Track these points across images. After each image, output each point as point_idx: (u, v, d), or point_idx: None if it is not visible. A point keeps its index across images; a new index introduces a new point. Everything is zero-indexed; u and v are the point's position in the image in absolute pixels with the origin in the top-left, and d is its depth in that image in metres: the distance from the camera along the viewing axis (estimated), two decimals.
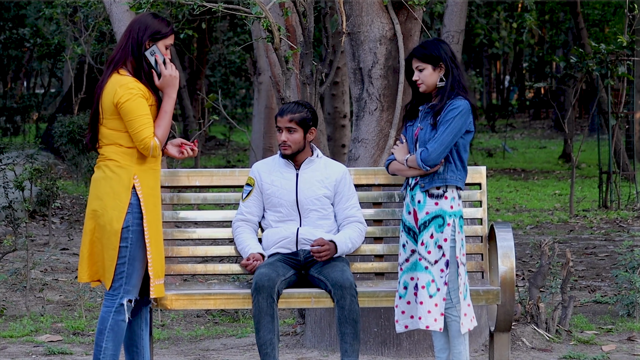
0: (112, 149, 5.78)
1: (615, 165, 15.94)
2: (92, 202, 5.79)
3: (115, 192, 5.74)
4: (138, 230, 5.75)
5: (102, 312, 5.80)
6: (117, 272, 5.74)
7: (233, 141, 28.76)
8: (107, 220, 5.72)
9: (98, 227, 5.76)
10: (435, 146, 5.80)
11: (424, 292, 5.82)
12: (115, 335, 5.77)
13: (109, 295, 5.79)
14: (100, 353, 5.77)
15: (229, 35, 26.55)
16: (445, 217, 5.84)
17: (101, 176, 5.79)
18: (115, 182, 5.75)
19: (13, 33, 27.35)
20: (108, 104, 5.75)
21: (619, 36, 13.35)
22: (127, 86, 5.72)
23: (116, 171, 5.75)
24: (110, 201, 5.73)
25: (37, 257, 9.93)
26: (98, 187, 5.79)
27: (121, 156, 5.77)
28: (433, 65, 5.91)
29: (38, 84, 37.12)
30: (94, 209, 5.76)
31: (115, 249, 5.72)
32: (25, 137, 27.39)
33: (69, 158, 16.70)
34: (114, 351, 5.77)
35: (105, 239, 5.73)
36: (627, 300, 8.32)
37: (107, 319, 5.77)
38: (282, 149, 6.23)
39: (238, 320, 8.54)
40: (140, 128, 5.71)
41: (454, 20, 10.77)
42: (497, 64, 45.61)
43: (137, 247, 5.75)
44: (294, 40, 7.79)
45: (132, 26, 5.85)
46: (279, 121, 6.23)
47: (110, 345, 5.76)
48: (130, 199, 5.74)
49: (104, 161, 5.80)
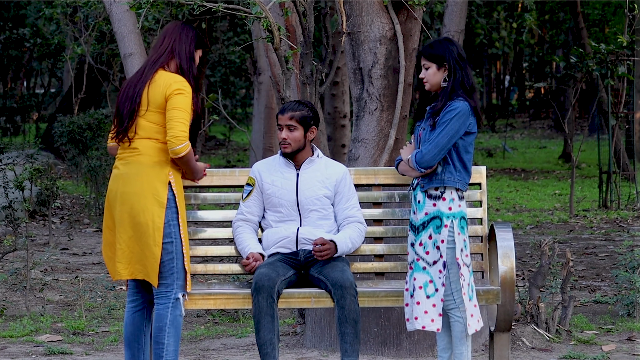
0: (147, 144, 5.80)
1: (615, 165, 15.95)
2: (129, 199, 5.75)
3: (154, 188, 5.74)
4: (177, 224, 5.79)
5: (159, 309, 5.79)
6: (167, 268, 5.76)
7: (233, 141, 28.77)
8: (148, 217, 5.71)
9: (138, 225, 5.73)
10: (429, 148, 5.80)
11: (421, 292, 5.83)
12: (176, 330, 5.80)
13: (161, 292, 5.79)
14: (162, 350, 5.77)
15: (229, 35, 26.53)
16: (442, 219, 5.84)
17: (134, 172, 5.78)
18: (153, 178, 5.75)
19: (13, 33, 27.36)
20: (157, 96, 5.80)
21: (619, 36, 13.33)
22: (183, 83, 5.82)
23: (153, 167, 5.77)
24: (149, 198, 5.73)
25: (37, 257, 9.93)
26: (132, 183, 5.77)
27: (157, 152, 5.79)
28: (438, 65, 5.91)
29: (38, 84, 37.11)
30: (132, 207, 5.74)
31: (158, 245, 5.72)
32: (25, 137, 27.39)
33: (69, 158, 16.69)
34: (175, 347, 5.79)
35: (148, 237, 5.72)
36: (627, 300, 8.32)
37: (166, 315, 5.78)
38: (282, 147, 6.23)
39: (238, 320, 8.54)
40: (180, 120, 5.74)
41: (454, 20, 10.78)
42: (497, 64, 45.59)
43: (179, 242, 5.79)
44: (294, 40, 7.79)
45: (176, 32, 5.94)
46: (280, 119, 6.23)
47: (172, 341, 5.78)
48: (168, 195, 5.76)
49: (136, 157, 5.80)
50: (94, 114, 17.03)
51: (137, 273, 5.81)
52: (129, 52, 9.09)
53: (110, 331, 8.06)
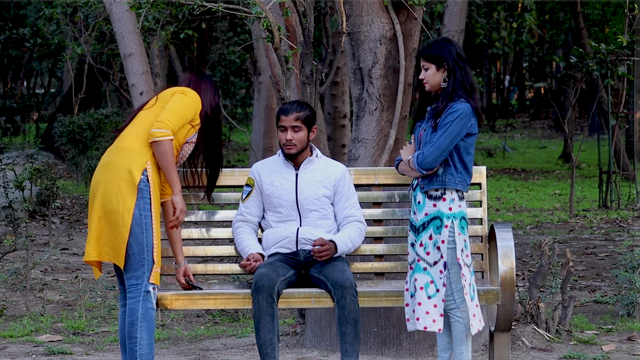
0: (133, 132, 5.84)
1: (615, 165, 15.94)
2: (104, 183, 5.72)
3: (129, 172, 5.70)
4: (149, 215, 5.72)
5: (130, 303, 5.73)
6: (138, 259, 5.70)
7: (233, 141, 28.77)
8: (120, 199, 5.66)
9: (109, 204, 5.68)
10: (431, 150, 5.80)
11: (422, 293, 5.83)
12: (148, 323, 5.72)
13: (132, 285, 5.73)
14: (136, 344, 5.71)
15: (229, 35, 26.54)
16: (443, 219, 5.84)
17: (113, 158, 5.78)
18: (129, 163, 5.72)
19: (13, 33, 27.34)
20: (167, 95, 5.94)
21: (619, 36, 13.35)
22: (190, 91, 5.94)
23: (131, 153, 5.75)
24: (122, 181, 5.68)
25: (37, 257, 9.93)
26: (110, 169, 5.75)
27: (139, 142, 5.78)
28: (437, 66, 5.90)
29: (38, 84, 37.11)
30: (106, 188, 5.69)
31: (127, 226, 5.65)
32: (25, 137, 27.40)
33: (69, 158, 16.71)
34: (149, 340, 5.72)
35: (117, 217, 5.66)
36: (627, 300, 8.32)
37: (137, 309, 5.71)
38: (286, 149, 6.20)
39: (238, 320, 8.54)
40: (171, 111, 5.79)
41: (454, 20, 10.79)
42: (497, 64, 45.59)
43: (150, 234, 5.72)
44: (294, 40, 7.79)
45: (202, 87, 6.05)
46: (284, 120, 6.20)
47: (144, 334, 5.71)
48: (141, 183, 5.71)
49: (118, 144, 5.84)
50: (94, 114, 17.05)
51: (104, 255, 5.74)
52: (129, 52, 9.10)
53: (110, 331, 8.06)
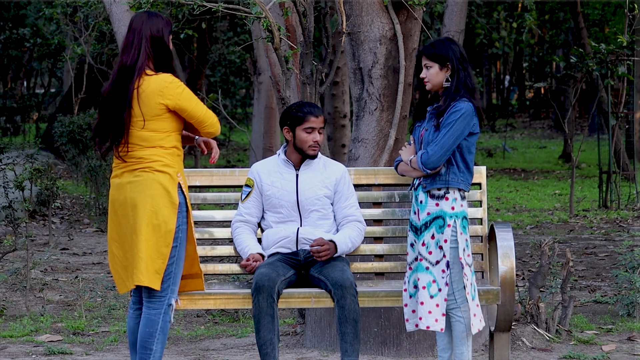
0: (154, 152, 5.65)
1: (615, 165, 15.94)
2: (142, 201, 5.59)
3: (167, 191, 5.62)
4: (184, 229, 5.70)
5: (150, 314, 5.68)
6: (166, 273, 5.65)
7: (233, 141, 28.77)
8: (161, 219, 5.60)
9: (152, 226, 5.60)
10: (435, 149, 5.80)
11: (424, 292, 5.83)
12: (164, 336, 5.71)
13: (155, 297, 5.68)
14: (149, 356, 5.67)
15: (229, 35, 26.54)
16: (445, 218, 5.84)
17: (144, 178, 5.62)
18: (165, 181, 5.63)
19: (13, 33, 27.36)
20: (153, 105, 5.62)
21: (619, 36, 13.35)
22: (169, 79, 5.63)
23: (164, 170, 5.63)
24: (162, 200, 5.60)
25: (37, 257, 9.93)
26: (144, 188, 5.61)
27: (165, 157, 5.66)
28: (440, 65, 5.90)
29: (38, 84, 37.11)
30: (151, 209, 5.59)
31: (169, 246, 5.60)
32: (25, 137, 27.40)
33: (69, 158, 16.68)
34: (160, 353, 5.71)
35: (159, 238, 5.60)
36: (627, 300, 8.32)
37: (157, 321, 5.67)
38: (312, 150, 6.17)
39: (238, 320, 8.54)
40: (202, 111, 5.69)
41: (454, 20, 10.78)
42: (497, 64, 45.58)
43: (183, 247, 5.71)
44: (294, 40, 7.79)
45: (139, 25, 5.68)
46: (314, 122, 6.16)
47: (159, 347, 5.68)
48: (179, 198, 5.67)
49: (144, 164, 5.64)
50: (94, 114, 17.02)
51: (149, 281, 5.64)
52: None
53: (110, 331, 8.06)
